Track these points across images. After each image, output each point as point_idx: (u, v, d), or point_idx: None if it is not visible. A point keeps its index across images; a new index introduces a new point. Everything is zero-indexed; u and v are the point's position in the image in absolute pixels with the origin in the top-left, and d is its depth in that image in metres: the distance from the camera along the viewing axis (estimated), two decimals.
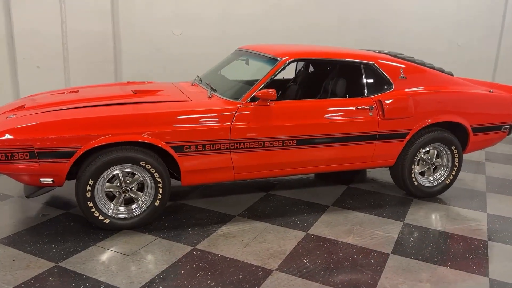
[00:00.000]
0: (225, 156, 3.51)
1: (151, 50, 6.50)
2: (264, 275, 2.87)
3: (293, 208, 3.94)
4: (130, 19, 6.33)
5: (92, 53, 6.20)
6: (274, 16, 7.00)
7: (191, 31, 6.61)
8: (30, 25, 5.81)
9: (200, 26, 6.65)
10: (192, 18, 6.60)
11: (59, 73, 6.09)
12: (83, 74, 6.16)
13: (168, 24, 6.51)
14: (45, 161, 3.13)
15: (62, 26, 5.96)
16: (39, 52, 5.94)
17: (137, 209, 3.42)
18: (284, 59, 3.71)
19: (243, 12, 6.83)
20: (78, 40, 6.07)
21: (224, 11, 6.73)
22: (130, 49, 6.41)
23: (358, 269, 2.98)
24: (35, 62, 5.97)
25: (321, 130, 3.71)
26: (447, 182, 4.31)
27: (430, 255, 3.21)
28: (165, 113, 3.35)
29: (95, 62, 6.22)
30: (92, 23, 6.11)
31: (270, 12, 6.98)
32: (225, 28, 6.76)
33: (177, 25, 6.55)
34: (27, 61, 5.92)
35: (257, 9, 6.91)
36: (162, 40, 6.52)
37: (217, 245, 3.24)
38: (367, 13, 7.48)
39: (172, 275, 2.83)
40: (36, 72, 5.97)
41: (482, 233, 3.60)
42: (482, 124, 4.30)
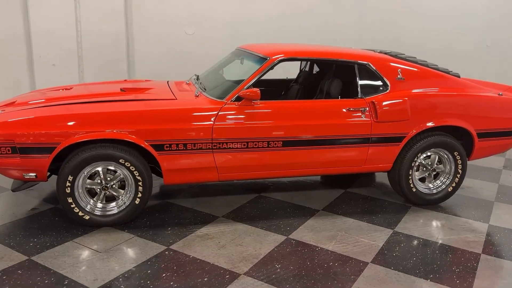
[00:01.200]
0: (207, 156, 3.46)
1: (163, 49, 6.55)
2: (230, 279, 2.80)
3: (280, 211, 3.85)
4: (143, 19, 6.41)
5: (105, 52, 6.31)
6: (289, 16, 6.90)
7: (204, 31, 6.62)
8: (46, 24, 5.98)
9: (213, 26, 6.64)
10: (205, 17, 6.60)
11: (74, 71, 6.24)
12: (96, 72, 6.28)
13: (181, 24, 6.54)
14: (27, 156, 3.19)
15: (77, 26, 6.10)
16: (55, 51, 6.11)
17: (116, 207, 3.43)
18: (272, 58, 3.62)
19: (256, 12, 6.77)
20: (92, 39, 6.20)
21: (238, 10, 6.70)
22: (143, 49, 6.49)
23: (330, 277, 2.86)
24: (51, 60, 6.14)
25: (308, 132, 3.60)
26: (449, 189, 4.08)
27: (412, 267, 3.04)
28: (145, 111, 3.35)
29: (108, 61, 6.34)
30: (106, 23, 6.22)
31: (285, 12, 6.89)
32: (238, 28, 6.72)
33: (189, 25, 6.57)
34: (43, 59, 6.11)
35: (272, 9, 6.83)
36: (175, 40, 6.55)
37: (191, 246, 3.20)
38: (387, 13, 7.24)
39: (137, 275, 2.82)
40: (51, 70, 6.14)
41: (477, 246, 3.37)
42: (488, 129, 4.04)
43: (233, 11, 6.69)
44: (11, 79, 6.08)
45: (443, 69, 4.17)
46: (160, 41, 6.51)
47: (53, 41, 6.07)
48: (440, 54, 7.30)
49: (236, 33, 6.71)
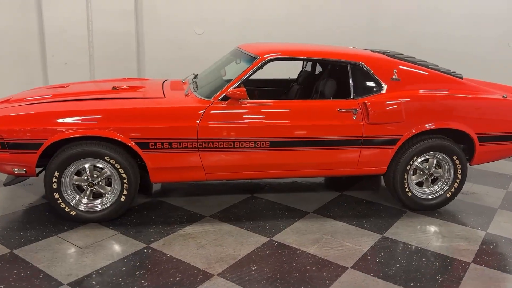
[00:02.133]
0: (193, 155, 3.45)
1: (173, 49, 6.60)
2: (202, 279, 2.78)
3: (269, 212, 3.80)
4: (153, 19, 6.48)
5: (116, 52, 6.42)
6: (298, 16, 6.84)
7: (213, 31, 6.63)
8: (59, 24, 6.14)
9: (222, 26, 6.65)
10: (214, 18, 6.61)
11: (85, 69, 6.38)
12: (107, 71, 6.39)
13: (190, 24, 6.58)
14: (15, 152, 3.27)
15: (88, 25, 6.23)
16: (67, 50, 6.26)
17: (102, 204, 3.47)
18: (261, 58, 3.58)
19: (265, 12, 6.73)
20: (103, 39, 6.32)
21: (247, 10, 6.69)
22: (153, 49, 6.56)
23: (304, 281, 2.80)
24: (63, 59, 6.30)
25: (296, 133, 3.54)
26: (447, 195, 3.93)
27: (394, 274, 2.93)
28: (130, 109, 3.38)
29: (118, 60, 6.44)
30: (116, 23, 6.33)
31: (294, 12, 6.83)
32: (247, 28, 6.71)
33: (199, 24, 6.60)
34: (56, 57, 6.26)
35: (281, 9, 6.78)
36: (184, 40, 6.60)
37: (171, 245, 3.20)
38: (399, 13, 7.05)
39: (111, 271, 2.83)
40: (64, 68, 6.30)
41: (469, 254, 3.23)
42: (491, 133, 3.87)
43: (242, 11, 6.67)
44: (26, 77, 6.26)
45: (444, 70, 4.02)
46: (169, 41, 6.57)
47: (66, 40, 6.22)
48: (459, 56, 7.07)
49: (245, 33, 6.70)
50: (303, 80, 4.61)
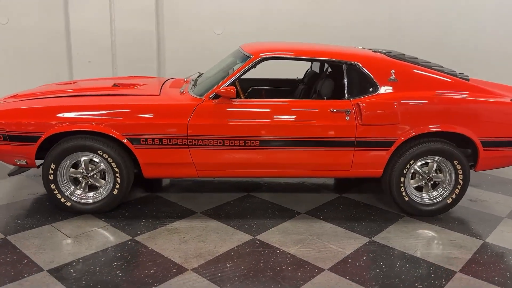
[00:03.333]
0: (183, 152, 3.52)
1: (193, 48, 6.72)
2: (176, 273, 2.83)
3: (261, 211, 3.80)
4: (173, 18, 6.62)
5: (137, 50, 6.61)
6: (316, 13, 6.75)
7: (232, 29, 6.69)
8: (84, 23, 6.41)
9: (240, 25, 6.70)
10: (233, 16, 6.67)
11: (108, 67, 6.61)
12: (128, 69, 6.59)
13: (210, 24, 6.67)
14: (15, 144, 3.46)
15: (111, 25, 6.46)
16: (91, 48, 6.52)
17: (95, 196, 3.59)
18: (254, 57, 3.59)
19: (284, 10, 6.72)
20: (125, 38, 6.53)
21: (265, 9, 6.69)
22: (173, 47, 6.71)
23: (275, 280, 2.79)
24: (87, 57, 6.56)
25: (287, 132, 3.52)
26: (448, 201, 3.78)
27: (371, 279, 2.87)
28: (123, 105, 3.48)
29: (139, 59, 6.63)
30: (138, 22, 6.52)
31: (311, 9, 6.75)
32: (266, 26, 6.72)
33: (218, 24, 6.68)
34: (80, 56, 6.54)
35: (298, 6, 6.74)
36: (204, 39, 6.69)
37: (155, 238, 3.27)
38: (423, 9, 6.80)
39: (91, 261, 2.94)
40: (88, 66, 6.56)
41: (458, 263, 3.10)
42: (496, 138, 3.69)
43: (260, 11, 6.69)
44: (52, 74, 6.55)
45: (449, 71, 3.87)
46: (189, 40, 6.69)
47: (90, 39, 6.48)
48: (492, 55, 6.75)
49: (263, 32, 6.71)
50: (308, 80, 4.58)
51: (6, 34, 6.43)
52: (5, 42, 6.45)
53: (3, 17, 6.37)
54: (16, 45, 6.48)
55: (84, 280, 2.72)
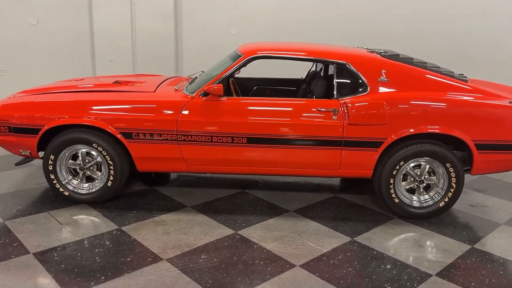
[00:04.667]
0: (173, 147, 3.64)
1: (209, 48, 6.87)
2: (150, 262, 2.95)
3: (250, 208, 3.87)
4: (191, 20, 6.82)
5: (156, 50, 6.85)
6: (333, 16, 6.75)
7: (248, 31, 6.81)
8: (106, 23, 6.71)
9: (256, 26, 6.80)
10: (249, 18, 6.79)
11: (128, 66, 6.89)
12: (148, 68, 6.83)
13: (226, 25, 6.80)
14: (19, 135, 3.70)
15: (132, 25, 6.73)
16: (113, 48, 6.81)
17: (90, 187, 3.78)
18: (243, 56, 3.67)
19: (300, 12, 6.75)
20: (145, 38, 6.79)
21: (280, 10, 6.76)
22: (190, 48, 6.90)
23: (244, 274, 2.85)
24: (109, 56, 6.86)
25: (275, 130, 3.57)
26: (440, 204, 3.71)
27: (340, 277, 2.87)
28: (117, 101, 3.65)
29: (158, 58, 6.87)
30: (157, 24, 6.76)
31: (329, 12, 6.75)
32: (280, 28, 6.78)
33: (234, 25, 6.80)
34: (103, 55, 6.85)
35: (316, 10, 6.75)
36: (220, 40, 6.84)
37: (140, 229, 3.41)
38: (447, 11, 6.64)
39: (75, 247, 3.11)
40: (110, 65, 6.86)
41: (435, 267, 3.04)
42: (491, 141, 3.59)
43: (277, 12, 6.76)
44: (77, 73, 6.87)
45: (446, 72, 3.80)
46: (206, 42, 6.86)
47: (112, 39, 6.78)
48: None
49: (278, 33, 6.78)
50: (309, 79, 4.60)
51: (36, 34, 6.83)
52: (35, 41, 6.85)
53: (34, 18, 6.76)
54: (45, 44, 6.87)
55: (64, 264, 2.89)
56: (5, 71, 6.87)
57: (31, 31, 6.80)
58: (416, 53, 6.49)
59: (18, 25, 6.75)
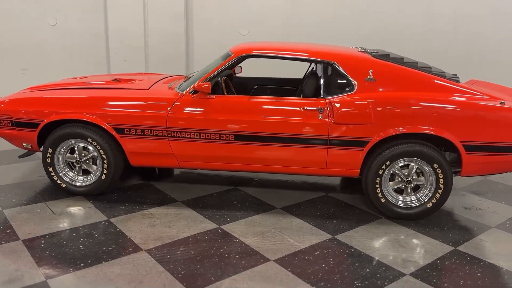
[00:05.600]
0: (163, 143, 3.76)
1: (219, 48, 6.96)
2: (129, 252, 3.07)
3: (238, 204, 3.94)
4: (201, 21, 6.96)
5: (167, 50, 7.03)
6: (345, 17, 6.75)
7: (258, 32, 6.89)
8: (120, 24, 6.93)
9: (267, 27, 6.88)
10: (259, 19, 6.87)
11: (141, 66, 7.09)
12: (160, 67, 7.02)
13: (236, 25, 6.91)
14: (20, 129, 3.91)
15: (145, 26, 6.93)
16: (126, 48, 7.03)
17: (84, 180, 3.94)
18: (233, 55, 3.75)
19: (311, 12, 6.78)
20: (157, 39, 6.97)
21: (291, 11, 6.80)
22: (200, 49, 7.05)
23: (218, 266, 2.93)
24: (123, 56, 7.08)
25: (260, 128, 3.64)
26: (428, 205, 3.68)
27: (312, 272, 2.91)
28: (111, 97, 3.81)
29: (170, 59, 7.04)
30: (169, 24, 6.93)
31: (341, 12, 6.75)
32: (291, 29, 6.82)
33: (244, 26, 6.90)
34: (117, 55, 7.07)
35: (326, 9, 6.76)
36: (230, 41, 6.90)
37: (128, 221, 3.54)
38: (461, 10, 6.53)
39: (62, 235, 3.27)
40: (123, 65, 7.08)
41: (412, 266, 3.03)
42: (480, 142, 3.53)
43: (287, 12, 6.81)
44: (93, 72, 7.12)
45: (438, 72, 3.76)
46: (216, 42, 6.97)
47: (126, 40, 6.99)
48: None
49: (289, 33, 6.83)
50: (303, 79, 4.64)
51: (55, 35, 7.13)
52: (54, 41, 7.15)
53: (53, 19, 7.06)
54: (63, 44, 7.17)
55: (48, 251, 3.04)
56: (26, 69, 7.20)
57: (50, 31, 7.11)
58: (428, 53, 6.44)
59: (38, 26, 7.07)
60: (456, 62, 6.67)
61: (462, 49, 6.57)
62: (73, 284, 2.70)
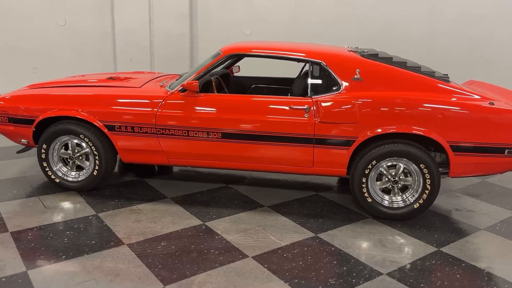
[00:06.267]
0: (153, 140, 3.83)
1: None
2: (111, 246, 3.14)
3: (227, 201, 3.98)
4: (206, 21, 7.03)
5: (172, 50, 7.12)
6: (349, 16, 6.72)
7: (261, 32, 6.92)
8: (126, 24, 7.05)
9: (270, 27, 6.91)
10: (263, 19, 6.91)
11: (146, 65, 7.20)
12: (164, 67, 7.11)
13: (240, 26, 6.96)
14: (17, 125, 4.03)
15: (150, 26, 7.03)
16: (132, 48, 7.15)
17: (78, 175, 4.04)
18: (221, 54, 3.80)
19: (314, 12, 6.79)
20: (162, 39, 7.07)
21: (295, 11, 6.83)
22: (205, 49, 7.11)
23: (195, 261, 2.97)
24: (129, 56, 7.20)
25: (247, 126, 3.67)
26: (415, 206, 3.65)
27: (288, 269, 2.92)
28: (102, 95, 3.89)
29: (174, 58, 7.13)
30: (174, 24, 7.03)
31: (345, 12, 6.73)
32: (295, 28, 6.84)
33: (248, 27, 6.94)
34: (123, 54, 7.20)
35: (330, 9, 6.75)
36: (234, 40, 6.96)
37: (115, 216, 3.62)
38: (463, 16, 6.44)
39: (49, 228, 3.36)
40: (129, 64, 7.20)
41: (390, 266, 3.02)
42: (468, 143, 3.49)
43: (290, 12, 6.83)
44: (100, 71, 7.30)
45: (426, 71, 3.73)
46: (220, 41, 6.98)
47: (132, 39, 7.11)
48: None
49: (293, 33, 6.84)
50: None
51: (64, 35, 7.30)
52: (63, 41, 7.32)
53: (62, 20, 7.23)
54: (72, 44, 7.33)
55: (34, 243, 3.14)
56: (36, 68, 7.39)
57: (59, 31, 7.28)
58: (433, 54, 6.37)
59: (48, 26, 7.25)
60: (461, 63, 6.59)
61: (467, 50, 6.48)
62: (51, 275, 2.78)
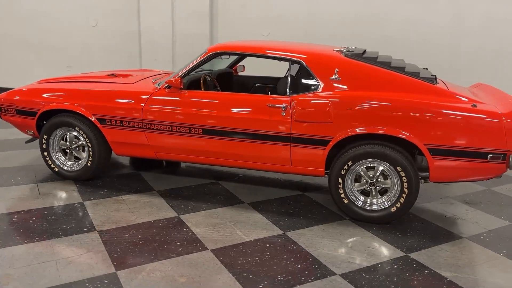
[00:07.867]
0: (140, 134, 4.00)
1: None
2: (84, 232, 3.32)
3: (209, 197, 4.07)
4: (226, 21, 7.16)
5: (192, 50, 7.25)
6: (367, 17, 6.60)
7: (279, 32, 6.95)
8: (151, 25, 7.33)
9: (288, 28, 6.92)
10: (281, 20, 6.93)
11: (169, 64, 7.44)
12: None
13: (259, 26, 7.03)
14: (23, 117, 4.35)
15: (173, 27, 7.27)
16: (156, 48, 7.42)
17: (74, 165, 4.29)
18: (206, 52, 3.90)
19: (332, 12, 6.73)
20: (183, 39, 7.28)
21: (312, 12, 6.80)
22: None
23: (154, 250, 3.08)
24: (153, 55, 7.48)
25: (226, 123, 3.74)
26: (392, 210, 3.56)
27: (241, 264, 2.96)
28: (96, 90, 4.12)
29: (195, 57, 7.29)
30: (194, 25, 7.21)
31: (362, 13, 6.62)
32: (311, 30, 6.82)
33: (266, 26, 7.00)
34: (148, 55, 7.50)
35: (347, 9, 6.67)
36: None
37: (97, 205, 3.80)
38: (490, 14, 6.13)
39: (35, 212, 3.61)
40: (153, 64, 7.46)
41: (347, 268, 2.97)
42: (448, 147, 3.36)
43: (307, 13, 6.82)
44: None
45: (411, 71, 3.62)
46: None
47: (155, 39, 7.38)
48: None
49: (310, 34, 6.82)
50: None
51: (95, 35, 7.72)
52: (94, 41, 7.74)
53: (94, 21, 7.65)
54: (102, 44, 7.73)
55: (15, 225, 3.39)
56: (70, 66, 7.86)
57: (92, 32, 7.70)
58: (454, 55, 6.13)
59: (81, 26, 7.69)
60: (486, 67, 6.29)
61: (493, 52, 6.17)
62: (20, 254, 2.99)
